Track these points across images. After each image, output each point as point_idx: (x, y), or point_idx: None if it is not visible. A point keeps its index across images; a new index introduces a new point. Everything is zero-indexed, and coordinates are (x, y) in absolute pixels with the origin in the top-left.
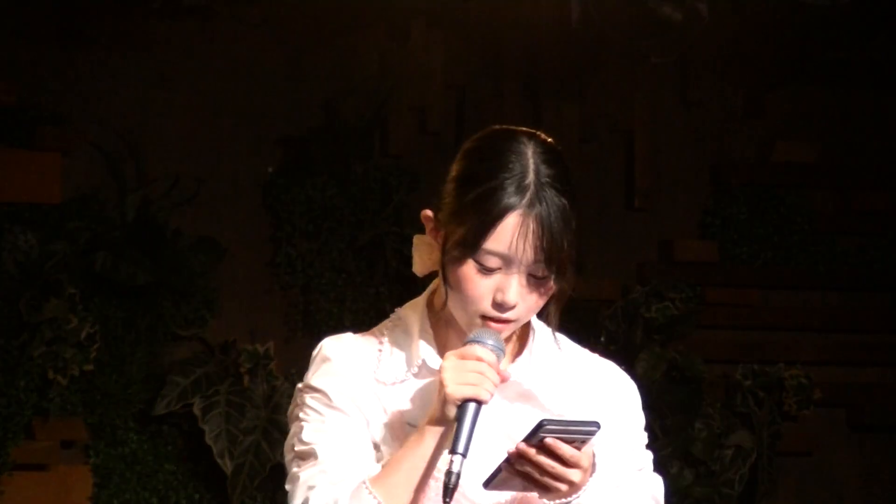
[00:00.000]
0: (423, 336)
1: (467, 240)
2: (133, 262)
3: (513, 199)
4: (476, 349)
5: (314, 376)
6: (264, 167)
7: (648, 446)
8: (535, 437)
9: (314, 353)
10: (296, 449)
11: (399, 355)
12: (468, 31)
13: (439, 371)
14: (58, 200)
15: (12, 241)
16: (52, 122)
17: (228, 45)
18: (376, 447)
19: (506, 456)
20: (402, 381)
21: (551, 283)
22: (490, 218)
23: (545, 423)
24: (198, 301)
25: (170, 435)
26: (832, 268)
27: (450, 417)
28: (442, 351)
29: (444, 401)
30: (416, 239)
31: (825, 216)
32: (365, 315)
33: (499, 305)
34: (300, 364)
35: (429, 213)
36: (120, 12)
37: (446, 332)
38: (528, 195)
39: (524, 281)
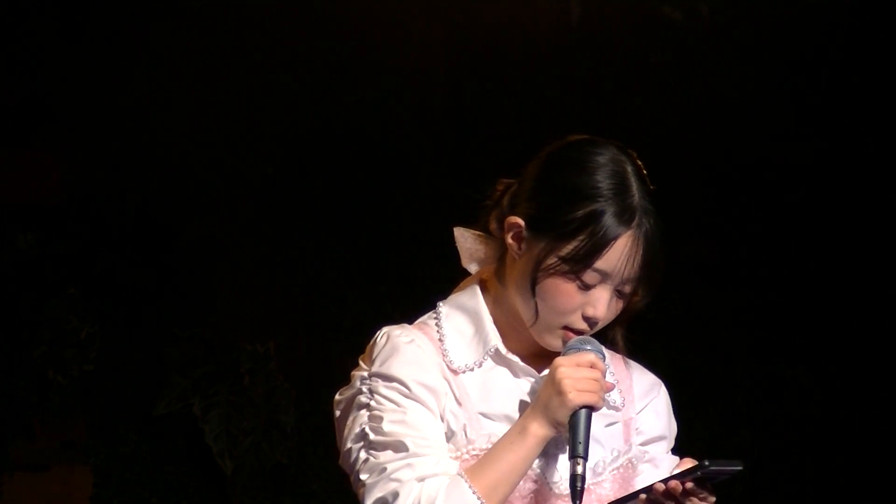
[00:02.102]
0: (490, 327)
1: (577, 257)
2: (133, 262)
3: (624, 222)
4: (591, 356)
5: (388, 365)
6: (264, 167)
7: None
8: (690, 475)
9: (379, 342)
10: (371, 438)
11: (465, 344)
12: (468, 32)
13: (553, 376)
14: (58, 200)
15: (12, 241)
16: (52, 122)
17: (228, 45)
18: (448, 437)
19: (646, 486)
20: (472, 371)
21: (632, 297)
22: (605, 239)
23: (707, 463)
24: (198, 301)
25: (170, 435)
26: (832, 268)
27: (564, 422)
28: (504, 343)
29: (563, 405)
30: (458, 232)
31: (825, 216)
32: (365, 315)
33: (588, 319)
34: (300, 364)
35: (519, 220)
36: (120, 12)
37: (502, 327)
38: (637, 216)
39: (613, 296)
